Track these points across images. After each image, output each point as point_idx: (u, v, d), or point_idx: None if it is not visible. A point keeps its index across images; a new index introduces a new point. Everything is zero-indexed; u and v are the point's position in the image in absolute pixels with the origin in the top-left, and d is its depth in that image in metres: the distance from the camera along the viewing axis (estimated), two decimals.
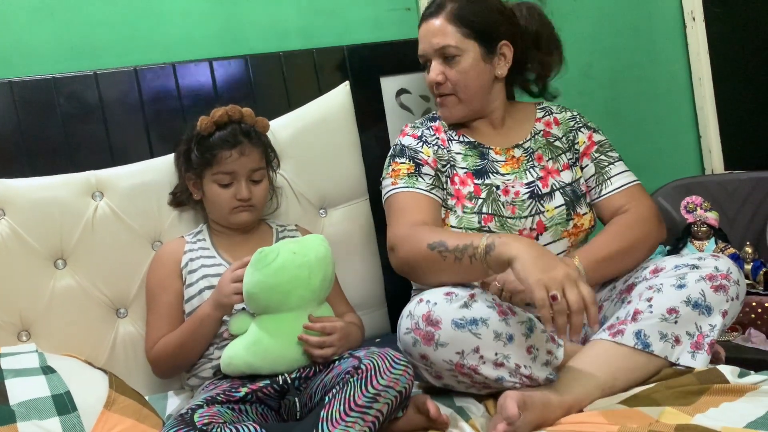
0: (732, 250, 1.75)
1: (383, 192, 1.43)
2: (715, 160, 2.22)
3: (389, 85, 1.79)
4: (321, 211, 1.62)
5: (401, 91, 1.80)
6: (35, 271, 1.40)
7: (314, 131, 1.62)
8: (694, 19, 2.18)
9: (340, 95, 1.67)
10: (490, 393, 1.18)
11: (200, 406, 1.11)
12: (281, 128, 1.59)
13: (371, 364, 1.07)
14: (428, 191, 1.38)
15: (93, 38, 1.63)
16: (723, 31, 2.18)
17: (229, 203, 1.36)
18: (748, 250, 1.75)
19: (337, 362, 1.18)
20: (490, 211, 1.37)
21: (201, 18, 1.72)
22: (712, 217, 1.81)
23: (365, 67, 1.76)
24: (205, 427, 1.02)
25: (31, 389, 1.07)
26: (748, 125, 2.15)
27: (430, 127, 1.48)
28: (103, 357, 1.42)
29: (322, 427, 1.01)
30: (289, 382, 1.20)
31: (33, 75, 1.52)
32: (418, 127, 1.48)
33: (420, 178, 1.38)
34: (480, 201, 1.38)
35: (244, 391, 1.17)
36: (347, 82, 1.68)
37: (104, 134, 1.55)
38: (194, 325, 1.28)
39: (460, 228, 1.36)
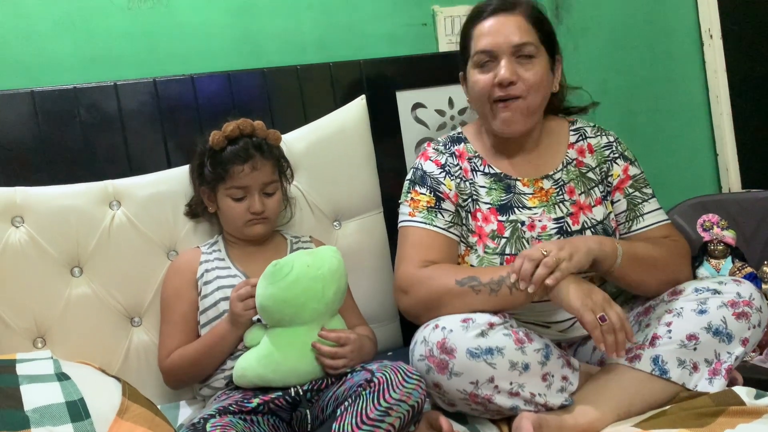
0: (749, 270, 1.73)
1: (400, 218, 1.38)
2: (732, 179, 2.20)
3: (405, 99, 1.79)
4: (335, 223, 1.63)
5: (417, 105, 1.81)
6: (52, 278, 1.42)
7: (330, 144, 1.63)
8: (711, 36, 2.18)
9: (356, 108, 1.68)
10: (503, 418, 1.17)
11: (212, 416, 1.11)
12: (297, 140, 1.60)
13: (384, 378, 1.06)
14: (446, 230, 1.31)
15: (113, 50, 1.66)
16: (740, 48, 2.17)
17: (242, 216, 1.37)
18: (766, 269, 1.73)
19: (349, 375, 1.18)
20: (513, 252, 1.29)
21: (219, 31, 1.74)
22: (729, 235, 1.79)
23: (381, 81, 1.77)
24: None
25: (45, 395, 1.08)
26: (765, 144, 2.14)
27: (454, 153, 1.38)
28: (117, 365, 1.42)
29: None
30: (301, 394, 1.20)
31: (54, 85, 1.55)
32: (441, 152, 1.39)
33: (439, 215, 1.32)
34: (503, 241, 1.30)
35: (256, 402, 1.17)
36: (363, 96, 1.70)
37: (123, 144, 1.57)
38: (213, 340, 1.29)
39: None
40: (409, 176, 1.39)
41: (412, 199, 1.35)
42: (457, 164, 1.37)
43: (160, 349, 1.36)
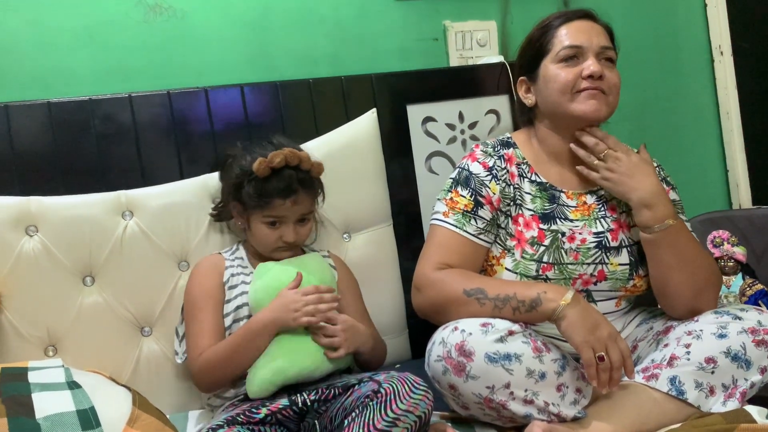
0: (760, 287, 1.72)
1: (433, 214, 1.37)
2: (742, 195, 2.19)
3: (415, 112, 1.81)
4: (345, 236, 1.64)
5: (427, 119, 1.82)
6: (64, 287, 1.43)
7: (341, 156, 1.64)
8: (722, 53, 2.18)
9: (367, 122, 1.69)
10: (515, 426, 1.17)
11: (220, 427, 1.12)
12: (311, 150, 1.61)
13: (391, 389, 1.07)
14: (476, 236, 1.31)
15: (129, 62, 1.68)
16: (751, 65, 2.18)
17: (274, 243, 1.38)
18: None
19: (357, 386, 1.18)
20: (551, 260, 1.30)
21: (233, 44, 1.76)
22: (739, 252, 1.79)
23: (392, 94, 1.79)
24: None
25: (56, 404, 1.08)
26: None
27: (502, 156, 1.37)
28: (127, 374, 1.43)
29: None
30: (309, 404, 1.20)
31: (70, 97, 1.57)
32: (490, 155, 1.37)
33: (473, 220, 1.31)
34: (542, 249, 1.30)
35: (264, 412, 1.17)
36: (374, 109, 1.71)
37: (136, 155, 1.58)
38: (249, 335, 1.27)
39: (516, 272, 1.30)
40: (453, 175, 1.38)
41: (451, 198, 1.34)
42: (505, 168, 1.36)
43: (191, 349, 1.33)
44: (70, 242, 1.43)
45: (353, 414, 1.07)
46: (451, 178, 1.39)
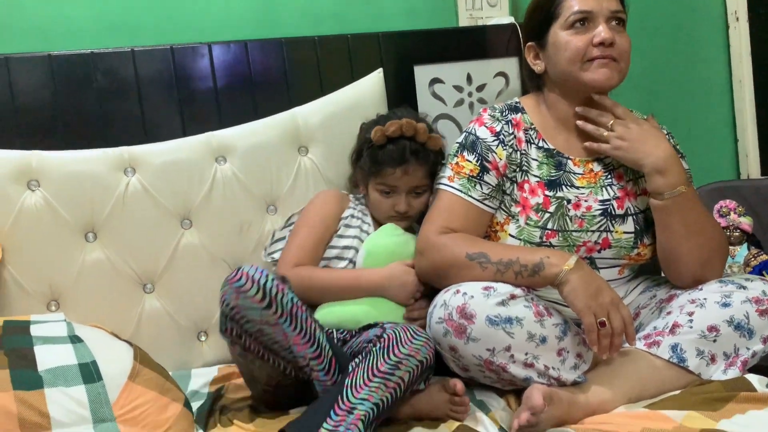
0: (765, 257, 1.72)
1: (438, 179, 1.36)
2: (751, 165, 2.17)
3: (422, 73, 1.78)
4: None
5: (434, 81, 1.79)
6: (66, 243, 1.43)
7: (345, 117, 1.61)
8: (737, 19, 2.13)
9: (373, 82, 1.66)
10: (514, 389, 1.17)
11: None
12: (313, 113, 1.59)
13: (393, 335, 1.10)
14: (480, 201, 1.30)
15: (132, 16, 1.65)
16: (766, 32, 2.13)
17: (387, 211, 1.41)
18: None
19: (365, 330, 1.22)
20: (555, 227, 1.29)
21: (237, 0, 1.72)
22: (745, 222, 1.77)
23: (399, 54, 1.76)
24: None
25: (58, 357, 1.09)
26: None
27: (510, 121, 1.35)
28: (129, 331, 1.44)
29: (347, 393, 1.04)
30: (335, 339, 1.25)
31: (72, 50, 1.54)
32: (498, 119, 1.35)
33: (478, 186, 1.30)
34: (547, 216, 1.29)
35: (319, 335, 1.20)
36: (380, 69, 1.68)
37: (138, 111, 1.56)
38: (355, 285, 1.34)
39: (520, 239, 1.29)
40: (459, 139, 1.36)
41: (456, 163, 1.32)
42: (512, 133, 1.34)
43: (287, 256, 1.39)
44: (71, 198, 1.43)
45: (357, 360, 1.10)
46: (457, 143, 1.37)
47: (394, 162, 1.37)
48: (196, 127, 1.57)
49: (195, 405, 1.23)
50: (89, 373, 1.07)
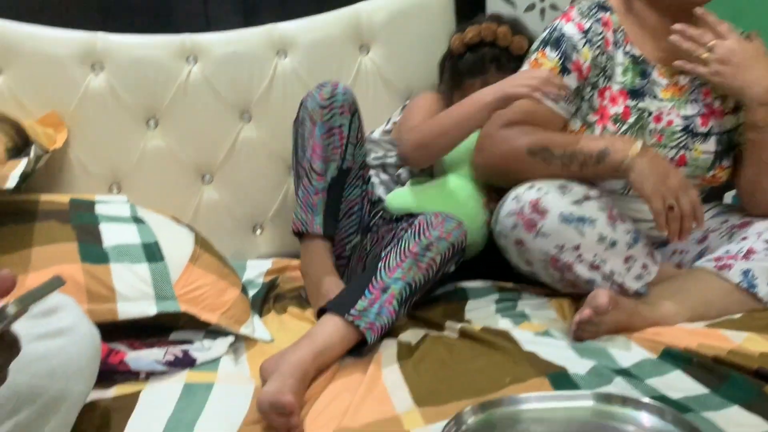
0: None
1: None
2: None
3: None
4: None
5: None
6: (128, 128, 1.44)
7: (410, 17, 1.55)
8: None
9: None
10: (570, 297, 1.17)
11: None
12: (377, 10, 1.54)
13: (424, 220, 1.11)
14: (554, 102, 1.22)
15: None
16: None
17: None
18: None
19: (395, 222, 1.24)
20: None
21: None
22: None
23: None
24: None
25: (123, 235, 1.12)
26: None
27: (599, 19, 1.25)
28: (186, 221, 1.44)
29: (380, 274, 1.05)
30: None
31: None
32: (586, 15, 1.25)
33: None
34: (625, 127, 1.23)
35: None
36: None
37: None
38: (468, 109, 1.19)
39: None
40: (543, 35, 1.28)
41: (536, 60, 1.25)
42: (601, 33, 1.24)
43: (405, 136, 1.30)
44: (134, 83, 1.43)
45: (390, 246, 1.11)
46: (540, 39, 1.28)
47: (473, 73, 1.30)
48: (258, 19, 1.53)
49: (250, 293, 1.26)
50: (152, 252, 1.10)
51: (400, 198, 1.29)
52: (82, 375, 0.77)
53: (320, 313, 1.05)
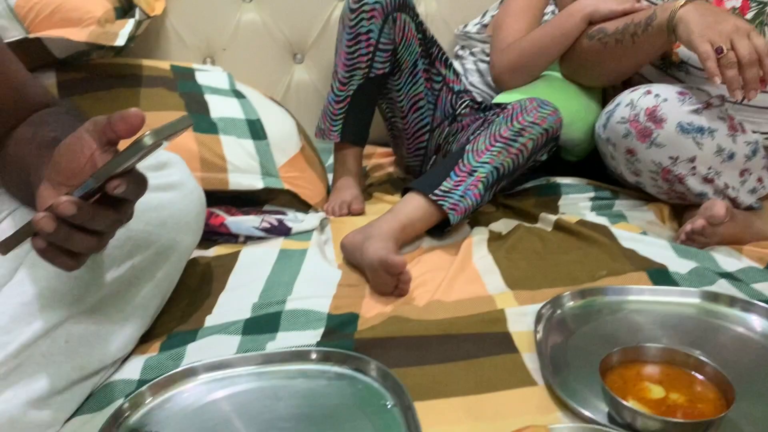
0: None
1: None
2: None
3: None
4: None
5: None
6: (224, 0, 1.42)
7: None
8: None
9: None
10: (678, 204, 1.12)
11: None
12: None
13: (518, 104, 1.07)
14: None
15: None
16: None
17: None
18: None
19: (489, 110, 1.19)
20: None
21: None
22: None
23: None
24: None
25: (227, 108, 1.13)
26: None
27: None
28: (277, 99, 1.46)
29: (467, 157, 1.03)
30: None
31: None
32: None
33: None
34: None
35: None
36: None
37: None
38: (565, 24, 1.17)
39: None
40: None
41: None
42: None
43: (499, 39, 1.26)
44: None
45: (481, 129, 1.09)
46: None
47: None
48: None
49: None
50: (256, 130, 1.11)
51: (509, 97, 1.23)
52: (190, 228, 0.80)
53: (405, 192, 1.05)
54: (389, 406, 0.63)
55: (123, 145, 0.52)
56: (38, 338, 0.64)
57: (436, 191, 1.00)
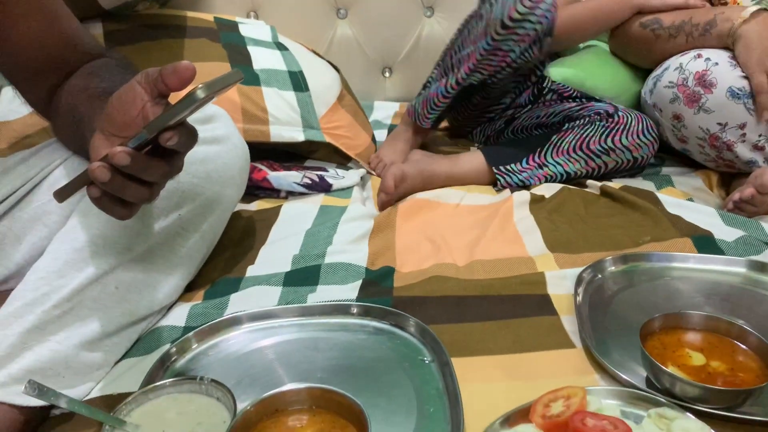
0: None
1: None
2: None
3: None
4: None
5: None
6: None
7: None
8: None
9: None
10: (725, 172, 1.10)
11: None
12: None
13: (625, 120, 1.04)
14: None
15: None
16: None
17: None
18: None
19: (595, 102, 1.13)
20: None
21: None
22: None
23: None
24: None
25: (269, 60, 1.13)
26: None
27: None
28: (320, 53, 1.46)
29: (547, 150, 1.04)
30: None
31: None
32: None
33: None
34: None
35: None
36: None
37: None
38: (616, 8, 1.15)
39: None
40: None
41: None
42: None
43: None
44: None
45: (576, 122, 1.06)
46: None
47: None
48: None
49: (376, 134, 1.26)
50: (297, 82, 1.11)
51: (559, 69, 1.22)
52: (234, 182, 0.81)
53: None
54: (427, 362, 0.64)
55: (173, 98, 0.53)
56: (90, 283, 0.66)
57: (501, 167, 1.04)
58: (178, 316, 0.73)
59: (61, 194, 0.55)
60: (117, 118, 0.55)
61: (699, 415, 0.55)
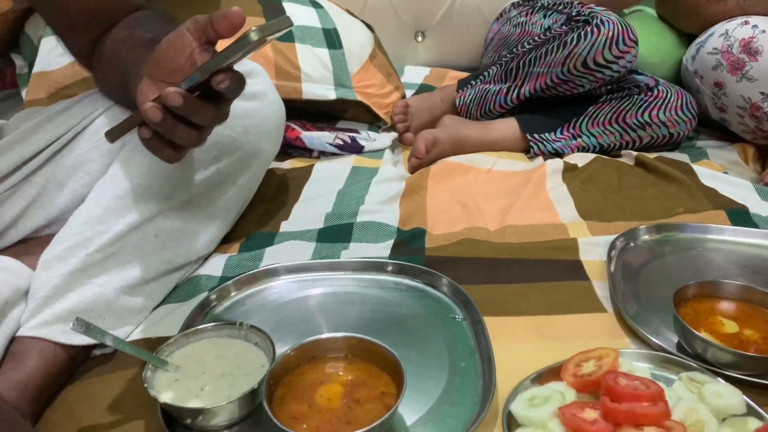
0: None
1: None
2: None
3: None
4: None
5: None
6: None
7: None
8: None
9: None
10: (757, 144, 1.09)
11: None
12: None
13: (664, 94, 1.02)
14: None
15: None
16: None
17: None
18: None
19: (635, 74, 1.10)
20: None
21: None
22: None
23: None
24: None
25: (304, 16, 1.13)
26: None
27: None
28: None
29: (582, 120, 1.03)
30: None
31: None
32: None
33: None
34: None
35: None
36: None
37: None
38: None
39: None
40: None
41: None
42: None
43: None
44: None
45: (615, 94, 1.04)
46: None
47: None
48: None
49: (408, 94, 1.26)
50: (331, 39, 1.11)
51: None
52: (271, 137, 0.82)
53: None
54: (459, 320, 0.65)
55: (221, 45, 0.53)
56: (131, 230, 0.68)
57: (536, 135, 1.03)
58: (215, 266, 0.74)
59: (112, 134, 0.56)
60: (165, 63, 0.56)
61: (729, 381, 0.55)
